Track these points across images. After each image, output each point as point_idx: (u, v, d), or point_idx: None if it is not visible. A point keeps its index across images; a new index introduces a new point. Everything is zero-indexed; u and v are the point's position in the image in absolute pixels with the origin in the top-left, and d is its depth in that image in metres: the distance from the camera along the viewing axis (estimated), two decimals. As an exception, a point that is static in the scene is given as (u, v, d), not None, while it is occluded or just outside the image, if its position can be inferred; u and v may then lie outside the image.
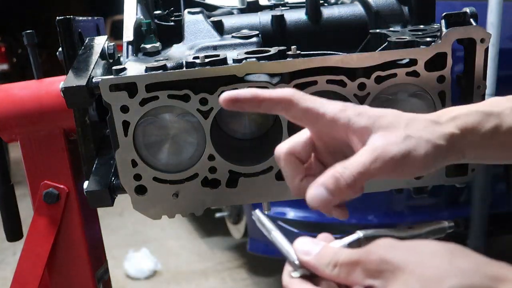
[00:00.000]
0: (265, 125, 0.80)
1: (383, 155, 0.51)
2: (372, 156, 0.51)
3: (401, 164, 0.51)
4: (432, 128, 0.54)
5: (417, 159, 0.52)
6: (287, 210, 2.29)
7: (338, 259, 0.49)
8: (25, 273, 0.98)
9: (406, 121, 0.54)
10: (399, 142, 0.51)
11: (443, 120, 0.56)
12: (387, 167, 0.51)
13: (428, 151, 0.52)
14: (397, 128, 0.53)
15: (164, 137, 0.73)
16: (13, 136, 0.96)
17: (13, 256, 3.18)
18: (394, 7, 0.84)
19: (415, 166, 0.52)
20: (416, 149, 0.52)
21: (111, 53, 0.88)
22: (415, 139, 0.52)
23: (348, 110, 0.54)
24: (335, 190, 0.50)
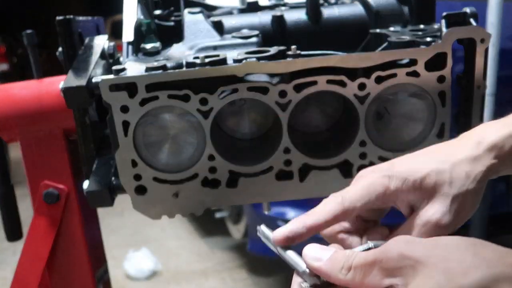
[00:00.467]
0: (265, 125, 0.80)
1: (435, 228, 0.52)
2: (425, 230, 0.52)
3: (453, 227, 0.53)
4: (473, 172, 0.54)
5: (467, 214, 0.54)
6: (287, 210, 2.29)
7: (352, 262, 0.47)
8: (25, 273, 0.98)
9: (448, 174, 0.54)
10: (447, 211, 0.53)
11: (481, 152, 0.55)
12: (443, 233, 0.52)
13: (474, 200, 0.54)
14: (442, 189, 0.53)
15: (164, 137, 0.73)
16: (13, 136, 0.96)
17: (13, 256, 3.17)
18: (394, 7, 0.84)
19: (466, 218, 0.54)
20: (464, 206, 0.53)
21: (111, 53, 0.88)
22: (461, 197, 0.53)
23: (391, 186, 0.54)
24: None
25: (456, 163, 0.54)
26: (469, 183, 0.54)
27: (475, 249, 0.43)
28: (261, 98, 0.71)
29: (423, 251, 0.43)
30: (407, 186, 0.53)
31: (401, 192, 0.54)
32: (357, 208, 0.53)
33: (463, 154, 0.55)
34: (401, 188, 0.53)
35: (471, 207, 0.54)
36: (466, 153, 0.55)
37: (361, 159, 0.74)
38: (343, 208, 0.53)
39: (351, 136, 0.74)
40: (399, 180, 0.54)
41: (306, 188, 0.76)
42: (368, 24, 0.84)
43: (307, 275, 0.50)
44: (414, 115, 0.74)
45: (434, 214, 0.53)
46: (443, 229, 0.53)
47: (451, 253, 0.43)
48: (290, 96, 0.71)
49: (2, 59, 7.76)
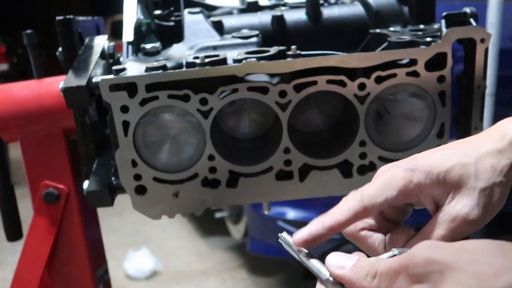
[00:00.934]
0: (265, 125, 0.80)
1: (464, 223, 0.51)
2: (453, 226, 0.51)
3: (482, 222, 0.52)
4: (498, 165, 0.52)
5: (496, 207, 0.52)
6: (287, 210, 2.29)
7: (377, 268, 0.45)
8: (25, 273, 0.98)
9: (473, 167, 0.52)
10: (475, 205, 0.51)
11: (506, 145, 0.54)
12: (469, 230, 0.51)
13: (502, 193, 0.52)
14: (468, 183, 0.52)
15: (164, 137, 0.73)
16: (13, 136, 0.96)
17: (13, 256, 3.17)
18: (394, 7, 0.84)
19: (495, 212, 0.53)
20: (491, 199, 0.52)
21: (111, 53, 0.88)
22: (489, 190, 0.52)
23: (414, 179, 0.52)
24: None
25: (481, 156, 0.53)
26: (495, 176, 0.52)
27: (505, 251, 0.41)
28: (261, 98, 0.71)
29: (450, 255, 0.42)
30: (431, 180, 0.51)
31: (425, 186, 0.52)
32: (378, 204, 0.51)
33: (487, 148, 0.54)
34: (424, 182, 0.51)
35: (499, 202, 0.52)
36: (490, 146, 0.54)
37: (361, 159, 0.74)
38: (363, 205, 0.51)
39: (351, 136, 0.74)
40: (422, 174, 0.52)
41: (306, 188, 0.76)
42: (368, 24, 0.84)
43: (330, 283, 0.49)
44: (414, 115, 0.74)
45: (462, 208, 0.51)
46: (472, 224, 0.51)
47: (479, 256, 0.41)
48: (290, 96, 0.71)
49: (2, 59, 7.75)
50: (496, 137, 0.55)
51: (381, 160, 0.74)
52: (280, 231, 0.57)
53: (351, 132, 0.74)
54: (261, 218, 2.47)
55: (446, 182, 0.51)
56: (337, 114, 0.80)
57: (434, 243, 0.45)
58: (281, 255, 2.59)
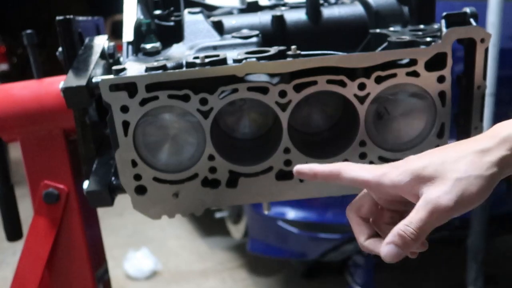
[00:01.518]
0: (265, 125, 0.80)
1: (436, 208, 0.55)
2: (427, 211, 0.55)
3: (456, 210, 0.55)
4: (480, 161, 0.56)
5: (472, 197, 0.55)
6: (287, 210, 2.29)
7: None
8: (25, 273, 0.98)
9: (453, 164, 0.56)
10: (448, 191, 0.55)
11: (492, 145, 0.56)
12: (444, 216, 0.55)
13: (481, 186, 0.55)
14: (445, 174, 0.56)
15: (164, 137, 0.73)
16: (13, 136, 0.96)
17: (13, 256, 3.18)
18: (394, 7, 0.84)
19: (472, 203, 0.56)
20: (468, 189, 0.55)
21: (111, 53, 0.88)
22: (465, 180, 0.55)
23: (389, 172, 0.58)
24: (403, 245, 0.56)
25: (463, 155, 0.56)
26: (473, 169, 0.55)
27: None
28: (261, 98, 0.71)
29: None
30: (404, 176, 0.57)
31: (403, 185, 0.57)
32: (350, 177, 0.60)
33: (473, 147, 0.57)
34: (399, 180, 0.57)
35: (478, 193, 0.55)
36: (477, 146, 0.57)
37: (361, 159, 0.74)
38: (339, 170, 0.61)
39: (351, 136, 0.74)
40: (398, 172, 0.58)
41: (306, 188, 0.76)
42: (368, 24, 0.84)
43: None
44: (414, 115, 0.74)
45: (435, 193, 0.55)
46: (446, 210, 0.55)
47: None
48: (290, 96, 0.71)
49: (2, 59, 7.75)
50: (486, 138, 0.58)
51: (381, 160, 0.74)
52: (280, 231, 0.58)
53: (351, 132, 0.75)
54: (261, 218, 2.47)
55: (421, 176, 0.56)
56: (337, 114, 0.80)
57: None
58: (281, 255, 2.59)
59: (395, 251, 0.57)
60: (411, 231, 0.56)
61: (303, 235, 2.26)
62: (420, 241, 0.57)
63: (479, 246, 2.19)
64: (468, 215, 2.20)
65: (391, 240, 0.57)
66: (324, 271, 2.90)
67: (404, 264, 3.17)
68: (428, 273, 2.87)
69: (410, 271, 2.89)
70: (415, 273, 2.87)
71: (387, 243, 0.57)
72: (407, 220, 0.56)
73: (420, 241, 0.57)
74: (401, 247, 0.56)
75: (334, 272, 2.82)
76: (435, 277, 2.82)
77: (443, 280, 2.77)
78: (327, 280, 2.87)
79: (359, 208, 0.64)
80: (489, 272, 2.34)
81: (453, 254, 2.72)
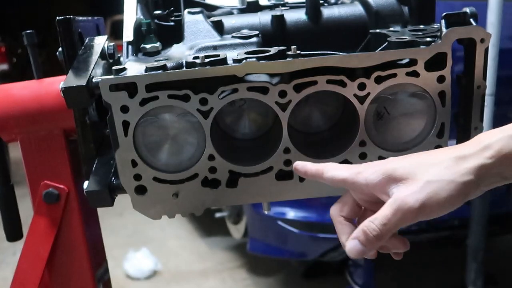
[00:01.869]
0: (265, 125, 0.80)
1: (402, 206, 0.55)
2: (393, 209, 0.55)
3: (422, 211, 0.54)
4: (455, 167, 0.55)
5: (440, 202, 0.54)
6: (287, 210, 2.29)
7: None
8: (25, 273, 0.98)
9: (426, 167, 0.56)
10: (417, 191, 0.54)
11: (471, 152, 0.56)
12: (408, 217, 0.55)
13: (452, 192, 0.54)
14: (416, 176, 0.55)
15: (164, 137, 0.73)
16: (13, 136, 0.96)
17: (13, 256, 3.18)
18: (394, 7, 0.84)
19: (440, 208, 0.55)
20: (437, 193, 0.54)
21: (111, 53, 0.88)
22: (436, 183, 0.54)
23: (364, 171, 0.59)
24: (366, 242, 0.57)
25: (440, 160, 0.56)
26: (447, 174, 0.55)
27: None
28: (261, 98, 0.71)
29: None
30: (377, 175, 0.58)
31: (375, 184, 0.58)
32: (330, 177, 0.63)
33: (452, 154, 0.56)
34: (370, 178, 0.58)
35: (448, 199, 0.54)
36: (456, 153, 0.56)
37: (361, 159, 0.74)
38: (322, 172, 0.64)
39: (351, 136, 0.74)
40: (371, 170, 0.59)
41: (306, 188, 0.76)
42: (368, 24, 0.84)
43: None
44: (414, 115, 0.74)
45: (403, 192, 0.55)
46: (411, 209, 0.54)
47: None
48: (290, 96, 0.71)
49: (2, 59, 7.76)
50: (468, 145, 0.57)
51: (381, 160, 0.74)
52: (280, 231, 0.59)
53: (351, 132, 0.75)
54: (261, 218, 2.47)
55: (393, 176, 0.57)
56: (337, 114, 0.80)
57: None
58: (281, 255, 2.59)
59: (358, 247, 0.57)
60: (374, 227, 0.56)
61: (303, 235, 2.27)
62: (383, 240, 0.56)
63: (479, 246, 2.19)
64: (468, 215, 2.20)
65: (355, 236, 0.57)
66: (324, 271, 2.90)
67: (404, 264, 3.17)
68: (428, 273, 2.87)
69: (410, 271, 2.89)
70: (415, 273, 2.87)
71: (351, 238, 0.58)
72: (373, 217, 0.57)
73: (383, 240, 0.56)
74: (363, 244, 0.57)
75: (334, 272, 2.83)
76: (435, 277, 2.82)
77: (443, 280, 2.77)
78: (327, 280, 2.87)
79: (341, 208, 0.65)
80: (489, 272, 2.34)
81: (453, 254, 2.72)
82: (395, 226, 0.55)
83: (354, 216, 0.65)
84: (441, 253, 2.96)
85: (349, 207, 0.64)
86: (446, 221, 2.29)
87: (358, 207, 0.65)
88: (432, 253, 2.97)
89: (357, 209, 0.65)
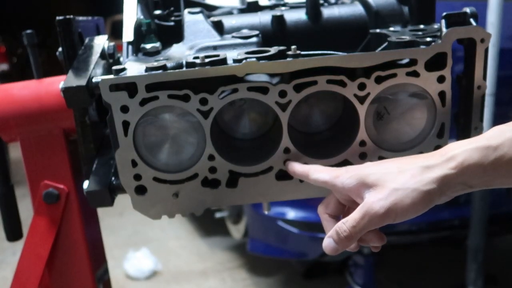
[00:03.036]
0: (265, 125, 0.80)
1: (369, 211, 0.59)
2: (361, 213, 0.60)
3: (388, 216, 0.59)
4: (420, 176, 0.59)
5: (404, 209, 0.58)
6: (287, 210, 2.29)
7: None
8: (25, 273, 0.98)
9: (395, 175, 0.60)
10: (383, 198, 0.59)
11: (437, 162, 0.59)
12: (375, 221, 0.60)
13: (415, 199, 0.58)
14: (385, 183, 0.60)
15: (164, 137, 0.73)
16: (13, 136, 0.96)
17: (13, 256, 3.18)
18: (394, 7, 0.84)
19: (405, 214, 0.59)
20: (402, 200, 0.58)
21: (111, 53, 0.88)
22: (401, 191, 0.59)
23: (341, 175, 0.64)
24: (338, 241, 0.62)
25: (408, 168, 0.60)
26: (412, 182, 0.59)
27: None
28: (261, 98, 0.71)
29: None
30: (352, 179, 0.63)
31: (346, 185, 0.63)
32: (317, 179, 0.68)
33: (419, 163, 0.60)
34: (346, 182, 0.63)
35: (412, 205, 0.58)
36: (423, 162, 0.60)
37: (361, 159, 0.74)
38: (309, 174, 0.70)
39: (351, 136, 0.74)
40: (348, 175, 0.64)
41: (306, 188, 0.76)
42: (368, 24, 0.84)
43: None
44: (414, 115, 0.74)
45: (371, 199, 0.60)
46: (377, 214, 0.59)
47: None
48: (290, 96, 0.71)
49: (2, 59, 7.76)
50: (435, 155, 0.61)
51: (380, 160, 0.74)
52: (280, 231, 0.60)
53: (351, 132, 0.75)
54: (261, 218, 2.47)
55: (365, 182, 0.61)
56: (337, 114, 0.80)
57: None
58: (281, 255, 2.59)
59: (332, 245, 0.63)
60: (345, 228, 0.61)
61: (303, 235, 2.26)
62: (354, 240, 0.62)
63: (479, 246, 2.19)
64: (468, 215, 2.20)
65: (330, 235, 0.63)
66: (324, 271, 2.90)
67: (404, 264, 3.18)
68: (428, 273, 2.87)
69: (410, 271, 2.90)
70: (415, 273, 2.87)
71: (327, 237, 0.64)
72: (345, 218, 0.62)
73: (354, 240, 0.62)
74: (336, 242, 0.62)
75: (334, 272, 2.83)
76: (435, 277, 2.82)
77: (443, 280, 2.77)
78: (327, 280, 2.87)
79: (326, 206, 0.70)
80: (489, 272, 2.34)
81: (453, 254, 2.72)
82: (363, 228, 0.60)
83: (338, 214, 0.70)
84: (441, 253, 2.96)
85: (333, 205, 0.69)
86: (446, 221, 2.29)
87: (341, 205, 0.69)
88: (432, 253, 2.97)
89: (340, 207, 0.69)
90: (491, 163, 0.57)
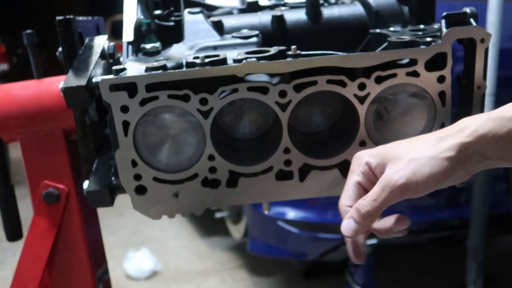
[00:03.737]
0: (265, 125, 0.80)
1: (388, 183, 0.58)
2: (381, 186, 0.59)
3: (408, 187, 0.58)
4: (436, 145, 0.58)
5: (424, 178, 0.57)
6: (287, 210, 2.29)
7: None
8: (25, 273, 0.98)
9: (412, 147, 0.60)
10: (401, 169, 0.58)
11: (451, 133, 0.59)
12: (395, 192, 0.58)
13: (433, 167, 0.57)
14: (401, 156, 0.59)
15: (164, 137, 0.73)
16: (13, 136, 0.96)
17: (13, 256, 3.18)
18: (394, 7, 0.84)
19: (425, 185, 0.58)
20: (421, 168, 0.57)
21: (111, 53, 0.88)
22: (418, 160, 0.58)
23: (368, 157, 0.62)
24: (358, 218, 0.60)
25: (423, 141, 0.60)
26: (428, 151, 0.58)
27: None
28: (261, 98, 0.71)
29: None
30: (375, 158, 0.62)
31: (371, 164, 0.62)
32: None
33: (434, 135, 0.60)
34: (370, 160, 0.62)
35: (432, 173, 0.57)
36: (437, 134, 0.60)
37: (361, 159, 0.74)
38: None
39: (351, 136, 0.74)
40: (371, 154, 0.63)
41: (306, 188, 0.76)
42: (368, 24, 0.84)
43: None
44: (414, 115, 0.74)
45: (390, 171, 0.59)
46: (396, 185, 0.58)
47: None
48: (290, 96, 0.71)
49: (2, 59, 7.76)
50: (449, 128, 0.61)
51: None
52: (280, 231, 0.59)
53: (351, 132, 0.75)
54: (261, 218, 2.47)
55: (385, 158, 0.61)
56: (337, 114, 0.80)
57: None
58: (281, 255, 2.59)
59: (352, 225, 0.60)
60: (365, 203, 0.59)
61: (303, 235, 2.26)
62: (375, 216, 0.60)
63: (479, 246, 2.19)
64: (468, 215, 2.20)
65: (349, 215, 0.61)
66: (324, 271, 2.90)
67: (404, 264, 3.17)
68: (428, 273, 2.87)
69: (410, 271, 2.89)
70: (415, 273, 2.87)
71: (346, 218, 0.61)
72: (365, 195, 0.61)
73: (375, 216, 0.60)
74: (357, 221, 0.60)
75: (334, 272, 2.83)
76: (435, 277, 2.82)
77: (443, 280, 2.77)
78: (327, 280, 2.87)
79: (347, 198, 0.66)
80: (489, 272, 2.34)
81: (453, 254, 2.72)
82: (385, 202, 0.59)
83: None
84: (441, 253, 2.96)
85: (354, 193, 0.66)
86: (446, 221, 2.29)
87: (363, 193, 0.66)
88: (432, 253, 2.97)
89: (362, 194, 0.66)
90: (506, 134, 0.57)
